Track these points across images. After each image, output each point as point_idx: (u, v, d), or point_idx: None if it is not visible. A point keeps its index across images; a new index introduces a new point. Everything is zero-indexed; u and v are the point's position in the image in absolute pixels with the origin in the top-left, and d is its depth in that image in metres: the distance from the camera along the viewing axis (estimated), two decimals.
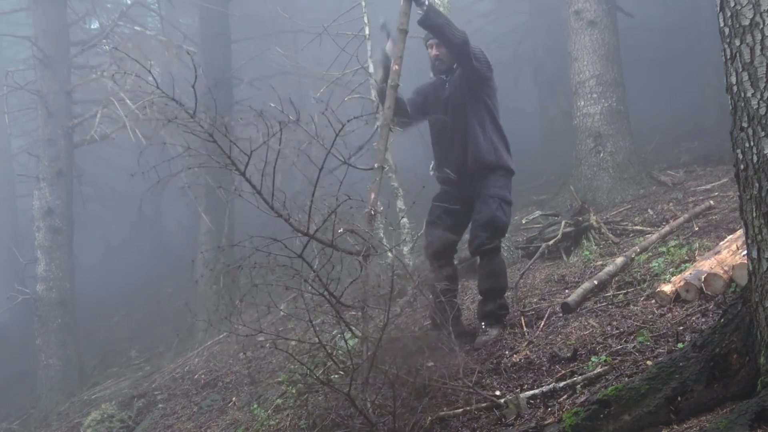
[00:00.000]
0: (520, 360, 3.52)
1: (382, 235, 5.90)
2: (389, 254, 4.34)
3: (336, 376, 3.62)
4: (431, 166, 4.33)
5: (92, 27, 12.00)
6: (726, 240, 4.15)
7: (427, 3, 3.80)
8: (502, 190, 4.06)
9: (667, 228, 5.47)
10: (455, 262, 6.38)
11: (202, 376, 6.48)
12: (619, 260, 4.73)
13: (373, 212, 3.51)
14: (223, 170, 2.78)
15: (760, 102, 2.17)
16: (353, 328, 3.01)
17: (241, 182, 2.82)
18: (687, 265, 4.14)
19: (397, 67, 3.81)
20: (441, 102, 4.14)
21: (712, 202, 6.05)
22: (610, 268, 4.62)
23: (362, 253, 3.11)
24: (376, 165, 3.62)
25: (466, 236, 4.34)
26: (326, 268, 2.85)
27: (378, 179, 3.58)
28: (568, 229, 5.95)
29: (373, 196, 3.54)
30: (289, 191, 2.78)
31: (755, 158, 2.20)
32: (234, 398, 5.32)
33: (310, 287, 2.80)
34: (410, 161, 10.75)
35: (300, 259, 2.80)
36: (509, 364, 3.50)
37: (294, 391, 4.31)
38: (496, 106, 4.15)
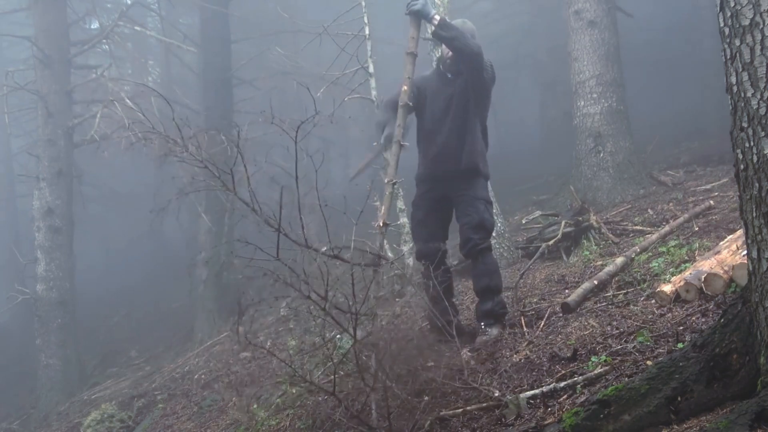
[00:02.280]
0: (520, 360, 3.52)
1: None
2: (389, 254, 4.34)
3: (337, 376, 3.62)
4: None
5: (92, 27, 12.01)
6: (726, 240, 4.15)
7: (438, 18, 3.85)
8: (485, 192, 4.17)
9: (667, 228, 5.47)
10: (455, 263, 6.40)
11: (202, 376, 6.48)
12: (619, 260, 4.73)
13: (383, 224, 3.53)
14: (223, 170, 2.79)
15: (760, 102, 2.17)
16: (347, 331, 3.01)
17: (241, 181, 2.82)
18: (687, 265, 4.14)
19: (406, 87, 3.85)
20: (441, 95, 4.11)
21: (712, 202, 6.05)
22: (610, 268, 4.61)
23: (370, 264, 3.13)
24: (386, 180, 3.67)
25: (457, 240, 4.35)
26: (319, 272, 2.85)
27: (389, 193, 3.62)
28: (568, 229, 5.94)
29: (383, 209, 3.58)
30: (285, 201, 2.79)
31: (755, 158, 2.20)
32: (234, 398, 5.32)
33: (299, 291, 2.79)
34: (410, 160, 10.74)
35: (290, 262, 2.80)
36: (509, 364, 3.50)
37: (294, 391, 4.31)
38: (486, 116, 4.24)
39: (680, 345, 2.98)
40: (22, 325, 11.96)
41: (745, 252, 2.65)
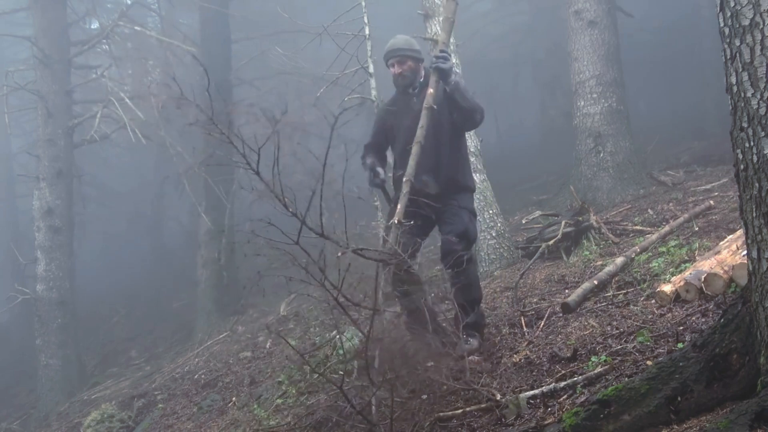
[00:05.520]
0: (520, 360, 3.52)
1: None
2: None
3: (336, 375, 3.63)
4: None
5: (92, 27, 12.01)
6: (726, 240, 4.15)
7: (453, 81, 3.91)
8: (471, 204, 4.13)
9: (667, 228, 5.47)
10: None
11: (202, 376, 6.48)
12: (619, 260, 4.73)
13: (397, 222, 3.52)
14: (223, 169, 2.78)
15: (760, 102, 2.17)
16: (353, 326, 3.01)
17: (240, 180, 2.81)
18: (687, 265, 4.14)
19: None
20: (408, 115, 4.04)
21: (712, 202, 6.05)
22: (610, 268, 4.61)
23: (380, 259, 3.12)
24: (405, 179, 3.65)
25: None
26: (328, 262, 2.84)
27: (405, 192, 3.61)
28: (568, 229, 5.94)
29: (400, 207, 3.57)
30: (290, 187, 2.77)
31: (755, 158, 2.21)
32: (234, 398, 5.32)
33: (312, 279, 2.78)
34: None
35: (299, 249, 2.78)
36: (509, 364, 3.51)
37: (294, 390, 4.32)
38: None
39: (680, 345, 2.98)
40: (22, 325, 11.96)
41: (745, 252, 2.65)
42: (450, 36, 4.21)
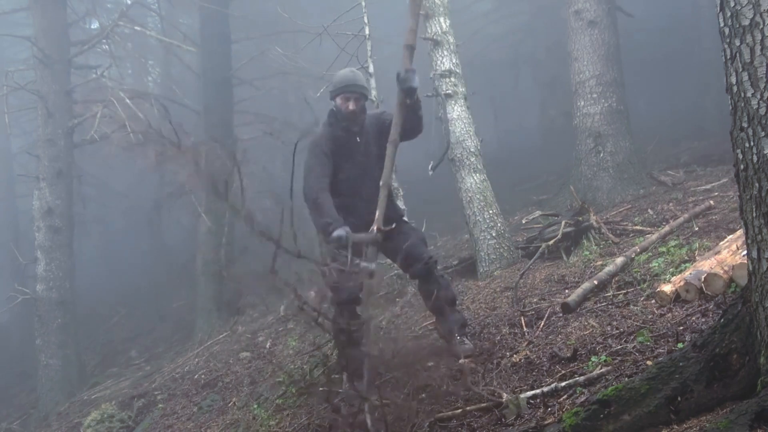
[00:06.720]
0: (520, 360, 3.52)
1: None
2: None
3: (336, 375, 3.62)
4: (431, 165, 4.30)
5: (92, 27, 12.02)
6: (726, 240, 4.15)
7: (416, 97, 3.88)
8: None
9: (667, 228, 5.47)
10: (455, 263, 6.39)
11: (202, 376, 6.48)
12: (619, 260, 4.73)
13: (377, 229, 3.51)
14: (223, 170, 2.79)
15: (760, 102, 2.17)
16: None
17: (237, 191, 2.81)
18: (687, 265, 4.14)
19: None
20: (356, 151, 3.99)
21: (712, 202, 6.05)
22: (610, 268, 4.61)
23: (366, 274, 3.12)
24: (381, 183, 3.62)
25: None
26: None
27: (383, 196, 3.59)
28: (568, 229, 5.94)
29: (378, 213, 3.54)
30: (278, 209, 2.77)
31: (755, 158, 2.21)
32: (234, 398, 5.32)
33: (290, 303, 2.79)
34: (410, 160, 10.75)
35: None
36: (509, 364, 3.51)
37: (294, 390, 4.32)
38: None
39: (680, 345, 2.98)
40: (22, 325, 11.96)
41: (745, 252, 2.65)
42: (420, 7, 4.13)
